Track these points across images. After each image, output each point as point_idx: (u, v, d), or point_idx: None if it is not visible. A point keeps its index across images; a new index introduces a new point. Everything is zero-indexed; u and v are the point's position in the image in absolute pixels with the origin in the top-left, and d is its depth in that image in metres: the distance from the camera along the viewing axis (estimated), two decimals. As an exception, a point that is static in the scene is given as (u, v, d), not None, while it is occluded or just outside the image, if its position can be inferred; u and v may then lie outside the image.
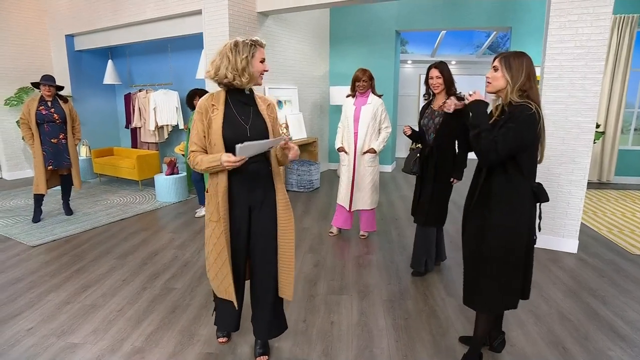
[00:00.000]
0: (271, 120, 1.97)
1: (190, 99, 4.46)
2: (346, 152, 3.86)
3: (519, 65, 1.81)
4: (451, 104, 2.51)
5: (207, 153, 1.90)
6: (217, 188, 1.90)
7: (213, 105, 1.87)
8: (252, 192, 1.94)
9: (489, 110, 1.95)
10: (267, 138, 1.90)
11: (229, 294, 1.99)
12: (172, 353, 2.24)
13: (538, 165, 1.92)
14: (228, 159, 1.73)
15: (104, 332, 2.44)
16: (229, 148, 1.80)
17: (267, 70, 1.91)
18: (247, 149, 1.71)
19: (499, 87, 1.87)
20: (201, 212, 4.76)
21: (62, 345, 2.31)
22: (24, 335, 2.39)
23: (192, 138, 1.90)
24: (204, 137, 1.88)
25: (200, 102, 1.89)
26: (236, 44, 1.82)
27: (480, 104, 1.91)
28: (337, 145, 3.92)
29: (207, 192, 1.99)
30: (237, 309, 2.06)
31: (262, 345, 2.22)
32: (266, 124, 1.94)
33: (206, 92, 4.25)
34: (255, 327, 2.16)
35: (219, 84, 1.90)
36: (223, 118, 1.85)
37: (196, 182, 4.63)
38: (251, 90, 1.96)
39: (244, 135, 1.85)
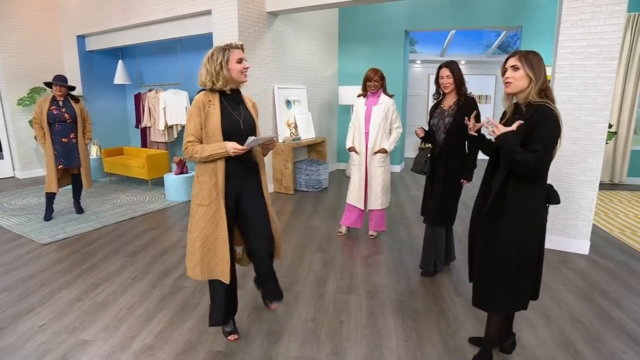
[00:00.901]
0: (255, 116, 2.24)
1: None
2: (357, 152, 3.85)
3: (539, 64, 1.77)
4: (472, 127, 2.07)
5: (202, 144, 2.07)
6: (212, 174, 2.07)
7: (210, 101, 2.07)
8: (241, 177, 2.15)
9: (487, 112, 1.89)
10: (255, 130, 2.19)
11: (222, 270, 2.12)
12: (182, 351, 2.26)
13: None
14: (236, 147, 1.97)
15: (114, 329, 2.47)
16: (226, 138, 2.04)
17: (247, 68, 2.10)
18: (254, 141, 1.99)
19: (521, 87, 1.79)
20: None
21: (74, 341, 2.33)
22: (36, 332, 2.43)
23: (188, 130, 2.06)
24: (201, 129, 2.05)
25: (198, 98, 2.07)
26: (212, 54, 2.04)
27: (506, 137, 1.74)
28: (348, 145, 3.91)
29: (197, 178, 2.12)
30: (228, 283, 2.16)
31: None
32: (254, 118, 2.21)
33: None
34: (270, 290, 2.28)
35: (205, 89, 2.11)
36: (221, 112, 2.06)
37: None
38: (238, 91, 2.19)
39: (238, 127, 2.10)
